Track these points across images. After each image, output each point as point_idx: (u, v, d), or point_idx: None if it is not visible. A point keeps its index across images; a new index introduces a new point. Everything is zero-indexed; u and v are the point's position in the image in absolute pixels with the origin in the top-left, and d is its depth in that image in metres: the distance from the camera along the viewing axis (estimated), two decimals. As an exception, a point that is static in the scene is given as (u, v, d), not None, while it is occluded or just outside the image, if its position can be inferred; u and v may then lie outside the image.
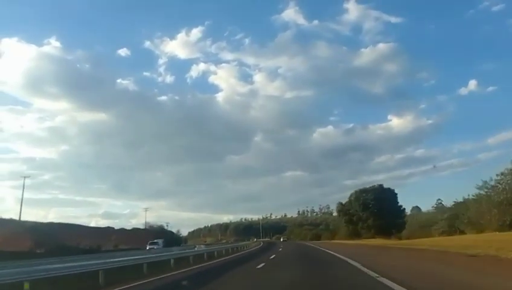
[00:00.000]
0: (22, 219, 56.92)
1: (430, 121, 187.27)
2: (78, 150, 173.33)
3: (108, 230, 66.43)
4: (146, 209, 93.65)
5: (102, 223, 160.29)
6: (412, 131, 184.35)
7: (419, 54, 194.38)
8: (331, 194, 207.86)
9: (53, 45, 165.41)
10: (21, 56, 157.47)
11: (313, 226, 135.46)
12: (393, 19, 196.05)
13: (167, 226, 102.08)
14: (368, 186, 73.67)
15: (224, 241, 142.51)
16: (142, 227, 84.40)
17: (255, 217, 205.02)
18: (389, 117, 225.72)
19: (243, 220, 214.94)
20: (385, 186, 72.00)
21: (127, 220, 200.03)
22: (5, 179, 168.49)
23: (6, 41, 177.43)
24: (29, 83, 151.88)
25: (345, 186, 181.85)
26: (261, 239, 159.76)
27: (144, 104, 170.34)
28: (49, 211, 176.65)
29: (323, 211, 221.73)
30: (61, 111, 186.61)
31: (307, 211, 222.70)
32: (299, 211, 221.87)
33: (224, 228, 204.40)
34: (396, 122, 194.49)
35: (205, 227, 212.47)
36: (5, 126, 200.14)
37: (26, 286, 9.68)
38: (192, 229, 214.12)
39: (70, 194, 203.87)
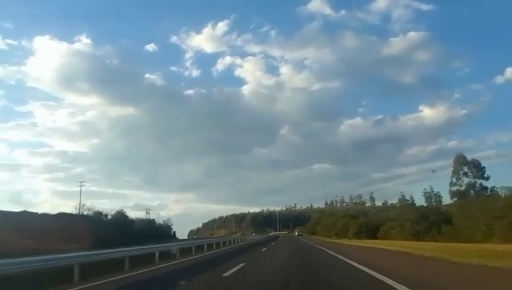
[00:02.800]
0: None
1: (464, 111, 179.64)
2: (108, 143, 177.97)
3: (22, 216, 41.31)
4: (81, 184, 65.01)
5: (133, 215, 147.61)
6: (445, 122, 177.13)
7: (452, 41, 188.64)
8: (359, 188, 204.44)
9: (83, 42, 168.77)
10: (53, 53, 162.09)
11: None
12: (424, 6, 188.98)
13: (148, 213, 77.00)
14: None
15: (239, 233, 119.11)
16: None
17: (278, 208, 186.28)
18: (420, 108, 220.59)
19: (265, 210, 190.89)
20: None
21: (156, 212, 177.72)
22: (40, 172, 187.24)
23: (39, 39, 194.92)
24: (61, 79, 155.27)
25: (373, 180, 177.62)
26: (276, 232, 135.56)
27: (171, 98, 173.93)
28: (82, 203, 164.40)
29: (354, 201, 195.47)
30: (92, 106, 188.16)
31: (336, 201, 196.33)
32: (326, 202, 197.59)
33: (240, 219, 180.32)
34: (429, 113, 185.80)
35: (220, 218, 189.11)
36: (39, 121, 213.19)
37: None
38: (207, 221, 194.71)
39: (102, 186, 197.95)
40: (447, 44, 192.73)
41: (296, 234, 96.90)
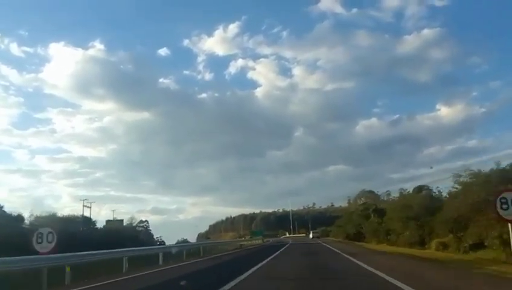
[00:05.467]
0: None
1: (483, 109, 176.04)
2: (125, 148, 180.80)
3: None
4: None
5: (151, 218, 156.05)
6: (464, 120, 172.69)
7: (468, 38, 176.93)
8: (376, 189, 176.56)
9: (97, 48, 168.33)
10: (68, 60, 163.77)
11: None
12: (438, 2, 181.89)
13: (88, 207, 56.57)
14: None
15: (248, 237, 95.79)
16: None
17: (295, 209, 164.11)
18: (437, 106, 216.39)
19: (280, 210, 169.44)
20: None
21: (174, 215, 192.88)
22: (60, 177, 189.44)
23: (54, 46, 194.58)
24: (77, 85, 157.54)
25: (391, 180, 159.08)
26: (289, 235, 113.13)
27: (185, 102, 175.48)
28: (102, 207, 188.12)
29: (381, 198, 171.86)
30: (108, 111, 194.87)
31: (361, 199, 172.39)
32: (349, 200, 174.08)
33: (249, 220, 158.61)
34: (446, 112, 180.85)
35: (227, 219, 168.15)
36: (57, 128, 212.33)
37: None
38: (214, 222, 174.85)
39: (120, 191, 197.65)
40: (463, 41, 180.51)
41: (311, 236, 75.78)
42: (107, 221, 75.54)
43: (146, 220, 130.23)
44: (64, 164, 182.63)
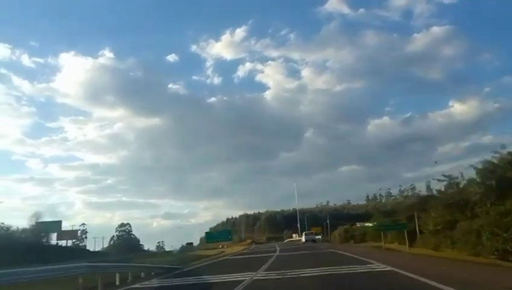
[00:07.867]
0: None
1: (497, 105, 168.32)
2: (136, 154, 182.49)
3: None
4: None
5: (164, 223, 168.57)
6: (478, 116, 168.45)
7: (479, 34, 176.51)
8: (391, 188, 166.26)
9: (107, 56, 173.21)
10: (79, 69, 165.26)
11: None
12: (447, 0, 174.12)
13: None
14: None
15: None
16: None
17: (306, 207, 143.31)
18: (450, 103, 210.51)
19: (291, 209, 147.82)
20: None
21: (186, 220, 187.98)
22: (73, 185, 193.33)
23: (64, 55, 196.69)
24: (88, 94, 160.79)
25: (406, 179, 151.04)
26: (293, 238, 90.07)
27: (194, 106, 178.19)
28: (115, 213, 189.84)
29: (404, 193, 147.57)
30: (119, 118, 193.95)
31: (380, 195, 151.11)
32: (368, 196, 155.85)
33: (252, 220, 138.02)
34: (459, 109, 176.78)
35: (228, 221, 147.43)
36: (70, 136, 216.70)
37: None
38: (215, 224, 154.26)
39: (132, 196, 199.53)
40: (474, 37, 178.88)
41: (304, 240, 55.98)
42: (37, 222, 65.89)
43: (128, 223, 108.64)
44: (77, 171, 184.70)
